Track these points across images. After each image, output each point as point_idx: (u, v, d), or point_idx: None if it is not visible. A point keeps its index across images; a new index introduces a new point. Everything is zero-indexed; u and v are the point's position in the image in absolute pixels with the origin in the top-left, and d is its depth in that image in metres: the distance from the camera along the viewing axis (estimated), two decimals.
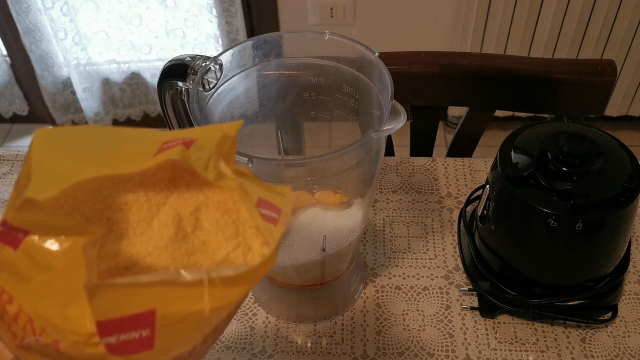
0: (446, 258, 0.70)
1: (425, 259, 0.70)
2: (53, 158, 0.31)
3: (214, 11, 1.75)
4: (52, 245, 0.28)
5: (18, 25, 1.73)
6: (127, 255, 0.31)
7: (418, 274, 0.68)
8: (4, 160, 0.84)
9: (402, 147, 1.03)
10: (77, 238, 0.28)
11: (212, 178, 0.33)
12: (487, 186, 0.63)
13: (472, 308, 0.64)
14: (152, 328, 0.27)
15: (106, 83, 1.93)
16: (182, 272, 0.27)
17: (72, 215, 0.32)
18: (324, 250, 0.57)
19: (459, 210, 0.75)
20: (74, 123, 2.03)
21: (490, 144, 1.17)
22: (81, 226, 0.28)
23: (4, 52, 1.91)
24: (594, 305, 0.63)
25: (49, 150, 0.31)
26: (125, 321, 0.27)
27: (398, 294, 0.66)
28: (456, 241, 0.71)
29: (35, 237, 0.28)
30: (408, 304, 0.65)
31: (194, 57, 0.53)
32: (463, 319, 0.64)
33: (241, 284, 0.28)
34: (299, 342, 0.63)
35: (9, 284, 0.29)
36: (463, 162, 0.81)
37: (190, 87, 0.52)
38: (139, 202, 0.33)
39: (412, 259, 0.70)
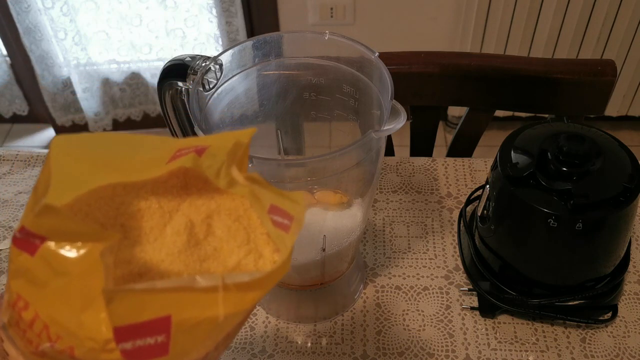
0: (446, 258, 0.70)
1: (425, 259, 0.70)
2: (71, 165, 0.31)
3: (214, 11, 1.75)
4: (69, 251, 0.28)
5: (18, 25, 1.73)
6: (141, 262, 0.31)
7: (418, 274, 0.68)
8: (4, 160, 0.84)
9: (402, 147, 1.03)
10: (94, 244, 0.28)
11: (223, 185, 0.33)
12: (487, 186, 0.63)
13: (472, 308, 0.64)
14: (167, 334, 0.27)
15: (106, 83, 1.93)
16: (198, 277, 0.27)
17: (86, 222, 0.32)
18: (324, 250, 0.57)
19: (459, 210, 0.75)
20: (74, 123, 2.03)
21: (490, 144, 1.17)
22: (98, 232, 0.29)
23: (4, 52, 1.91)
24: (594, 305, 0.63)
25: (67, 157, 0.31)
26: (141, 327, 0.27)
27: (398, 294, 0.66)
28: (456, 241, 0.71)
29: (52, 244, 0.28)
30: (408, 304, 0.65)
31: (194, 57, 0.53)
32: (463, 319, 0.64)
33: (255, 289, 0.28)
34: (299, 342, 0.63)
35: (25, 291, 0.29)
36: (463, 162, 0.81)
37: (190, 87, 0.52)
38: (152, 209, 0.33)
39: (412, 259, 0.70)
